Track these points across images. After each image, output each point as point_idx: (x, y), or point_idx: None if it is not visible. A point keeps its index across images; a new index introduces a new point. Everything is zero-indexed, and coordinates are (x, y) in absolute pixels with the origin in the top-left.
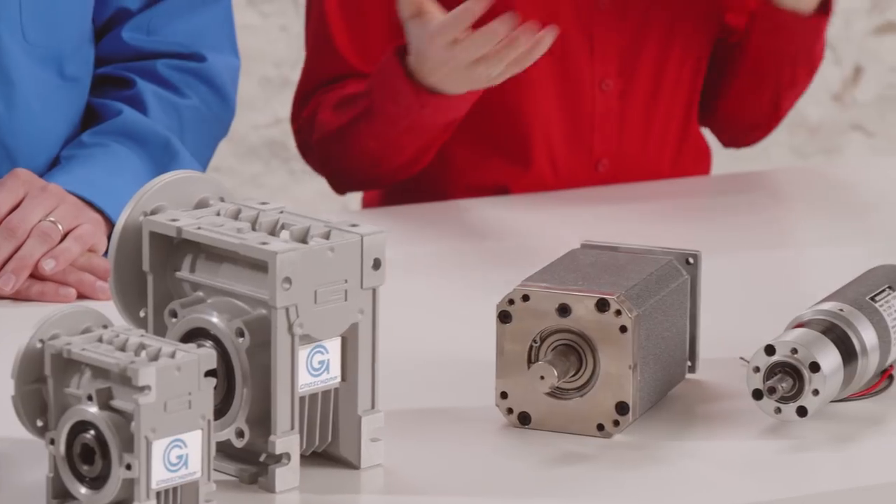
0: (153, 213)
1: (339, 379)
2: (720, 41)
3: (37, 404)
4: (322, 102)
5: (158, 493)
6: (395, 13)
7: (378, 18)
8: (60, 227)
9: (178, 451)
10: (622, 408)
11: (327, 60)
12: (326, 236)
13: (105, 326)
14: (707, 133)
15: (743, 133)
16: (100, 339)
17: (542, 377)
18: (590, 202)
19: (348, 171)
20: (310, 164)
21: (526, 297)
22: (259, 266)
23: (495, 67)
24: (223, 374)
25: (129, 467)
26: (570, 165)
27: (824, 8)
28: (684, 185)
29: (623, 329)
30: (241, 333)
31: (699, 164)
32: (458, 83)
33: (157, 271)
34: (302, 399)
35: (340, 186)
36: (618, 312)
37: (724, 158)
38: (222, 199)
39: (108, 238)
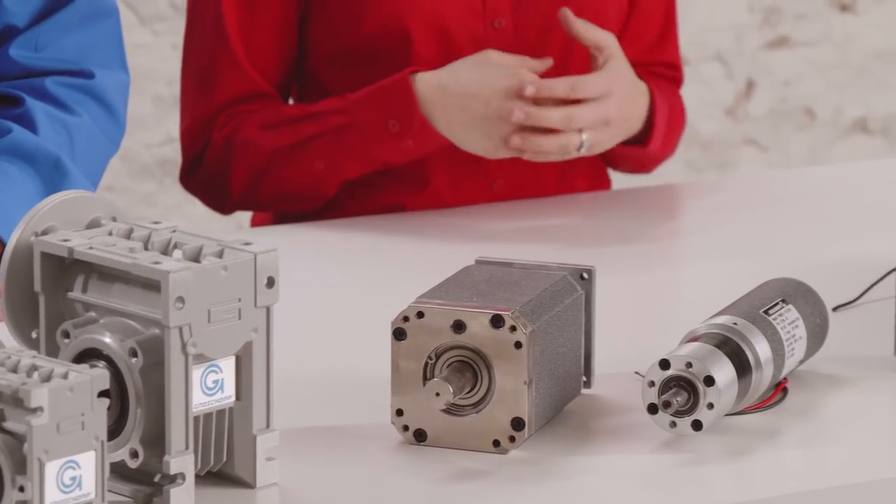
0: (44, 233)
1: (233, 398)
2: None
3: None
4: (242, 123)
5: None
6: (286, 32)
7: (271, 37)
8: None
9: (71, 473)
10: (518, 423)
11: (233, 79)
12: (219, 255)
13: None
14: None
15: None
16: None
17: (438, 394)
18: (484, 218)
19: (274, 192)
20: (190, 187)
21: (420, 314)
22: (152, 285)
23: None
24: (116, 395)
25: (21, 489)
26: (465, 185)
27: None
28: (578, 201)
29: (518, 345)
30: (134, 353)
31: (596, 184)
32: (480, 138)
33: (48, 292)
34: (196, 419)
35: (241, 205)
36: (512, 328)
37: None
38: (114, 219)
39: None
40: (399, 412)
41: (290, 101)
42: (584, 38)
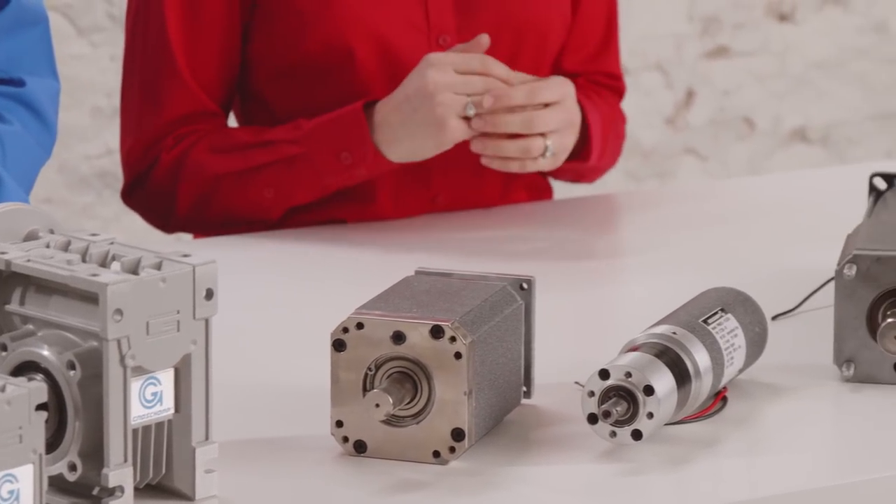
0: None
1: (172, 410)
2: None
3: None
4: (193, 146)
5: None
6: (230, 49)
7: (215, 54)
8: None
9: (9, 486)
10: (458, 434)
11: (179, 97)
12: (158, 267)
13: None
14: None
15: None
16: None
17: (378, 405)
18: (424, 229)
19: (220, 215)
20: (132, 203)
21: (360, 325)
22: (90, 298)
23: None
24: (55, 408)
25: None
26: (407, 200)
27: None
28: (519, 211)
29: (458, 355)
30: (72, 366)
31: (538, 196)
32: (415, 143)
33: None
34: (135, 431)
35: (185, 227)
36: (452, 339)
37: (558, 182)
38: (52, 231)
39: None
40: (339, 423)
41: (234, 119)
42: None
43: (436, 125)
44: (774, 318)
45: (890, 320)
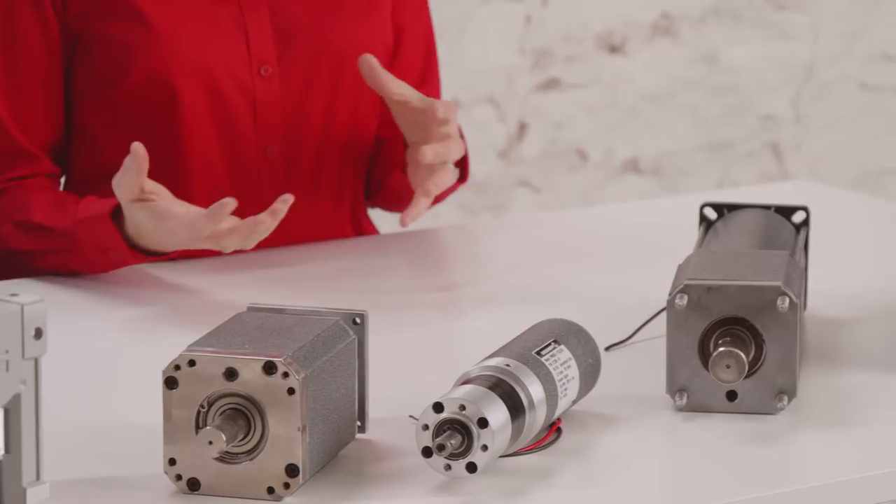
0: None
1: (2, 451)
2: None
3: None
4: (7, 217)
5: None
6: (52, 88)
7: (37, 94)
8: None
9: None
10: (292, 470)
11: None
12: None
13: None
14: None
15: None
16: None
17: (211, 442)
18: (255, 265)
19: (22, 276)
20: None
21: (192, 362)
22: None
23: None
24: None
25: None
26: None
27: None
28: (350, 246)
29: (291, 391)
30: None
31: (366, 231)
32: (175, 245)
33: None
34: None
35: None
36: (285, 374)
37: (394, 216)
38: None
39: None
40: (172, 461)
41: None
42: (388, 89)
43: (192, 243)
44: (608, 348)
45: (721, 349)
